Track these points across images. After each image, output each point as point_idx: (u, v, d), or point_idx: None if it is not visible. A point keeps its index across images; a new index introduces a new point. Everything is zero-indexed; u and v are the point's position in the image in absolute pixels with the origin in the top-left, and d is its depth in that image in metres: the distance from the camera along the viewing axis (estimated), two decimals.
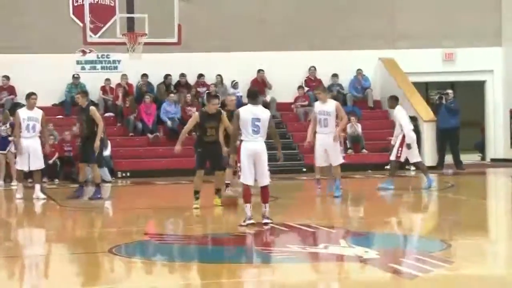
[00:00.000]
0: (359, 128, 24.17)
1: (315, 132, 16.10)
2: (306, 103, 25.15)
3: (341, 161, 16.43)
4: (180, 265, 9.55)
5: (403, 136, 17.36)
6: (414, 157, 17.68)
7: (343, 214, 14.92)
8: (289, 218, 13.15)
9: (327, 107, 15.90)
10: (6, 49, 23.98)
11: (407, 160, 20.15)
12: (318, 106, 16.13)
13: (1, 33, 24.28)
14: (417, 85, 25.72)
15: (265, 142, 12.27)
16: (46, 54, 24.22)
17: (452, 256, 9.56)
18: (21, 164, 16.93)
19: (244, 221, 12.07)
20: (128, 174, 22.55)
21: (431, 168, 23.31)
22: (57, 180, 21.67)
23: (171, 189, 19.84)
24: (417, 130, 23.85)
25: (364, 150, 24.02)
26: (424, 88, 27.51)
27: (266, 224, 12.00)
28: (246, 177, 12.07)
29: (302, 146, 17.84)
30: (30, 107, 17.04)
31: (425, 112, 24.24)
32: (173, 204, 15.67)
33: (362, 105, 25.87)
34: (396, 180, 20.96)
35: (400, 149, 17.45)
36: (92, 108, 16.71)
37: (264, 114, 12.19)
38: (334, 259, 9.57)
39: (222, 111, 14.75)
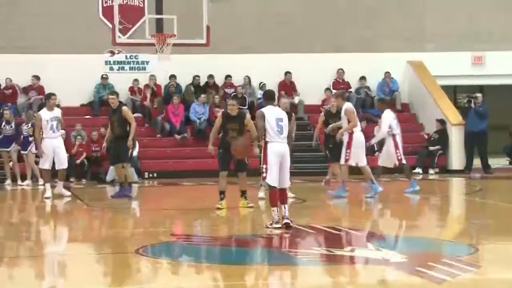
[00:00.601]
0: None
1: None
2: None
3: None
4: (206, 266, 9.55)
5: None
6: (361, 161, 17.17)
7: (370, 216, 14.86)
8: (315, 220, 13.12)
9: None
10: (36, 49, 24.12)
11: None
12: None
13: (32, 33, 24.42)
14: (445, 88, 25.59)
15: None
16: (75, 54, 24.35)
17: (479, 260, 9.50)
18: (47, 164, 17.03)
19: (271, 224, 12.03)
20: (155, 174, 22.60)
21: (459, 172, 23.23)
22: (84, 180, 21.78)
23: (198, 190, 19.88)
24: (445, 134, 23.83)
25: None
26: (453, 92, 27.36)
27: (287, 224, 11.88)
28: (273, 179, 11.94)
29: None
30: (51, 107, 17.14)
31: (454, 116, 24.11)
32: (199, 205, 15.68)
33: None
34: (421, 184, 20.93)
35: (398, 151, 17.56)
36: (124, 108, 16.91)
37: (284, 115, 12.24)
38: (361, 262, 9.53)
39: (246, 113, 14.85)
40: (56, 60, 24.25)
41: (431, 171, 23.40)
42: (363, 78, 25.82)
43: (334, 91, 25.31)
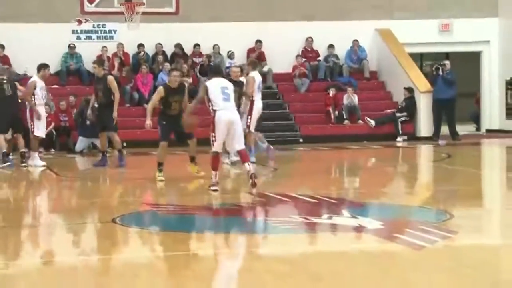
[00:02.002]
0: (355, 99, 24.05)
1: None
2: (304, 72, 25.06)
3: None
4: (181, 235, 9.44)
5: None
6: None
7: (343, 185, 14.85)
8: (290, 189, 13.07)
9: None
10: (2, 18, 23.73)
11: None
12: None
13: None
14: (413, 56, 25.60)
15: None
16: (42, 23, 23.97)
17: (455, 226, 9.48)
18: (43, 131, 17.58)
19: (210, 187, 12.53)
20: (124, 144, 22.24)
21: (427, 139, 23.33)
22: (53, 150, 21.52)
23: (168, 159, 19.68)
24: (413, 101, 23.88)
25: (360, 121, 23.91)
26: (419, 59, 27.39)
27: (254, 183, 12.42)
28: (218, 146, 12.60)
29: (300, 117, 17.83)
30: (44, 77, 17.66)
31: (422, 83, 24.14)
32: (170, 175, 15.56)
33: (358, 76, 25.74)
34: (387, 151, 21.05)
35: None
36: (110, 77, 16.94)
37: (230, 84, 12.88)
38: (339, 229, 9.49)
39: (186, 84, 14.72)
40: (22, 30, 23.86)
41: (399, 138, 23.44)
42: (331, 46, 25.72)
43: (304, 59, 25.29)
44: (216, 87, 12.62)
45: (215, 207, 11.80)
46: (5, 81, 17.62)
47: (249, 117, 16.58)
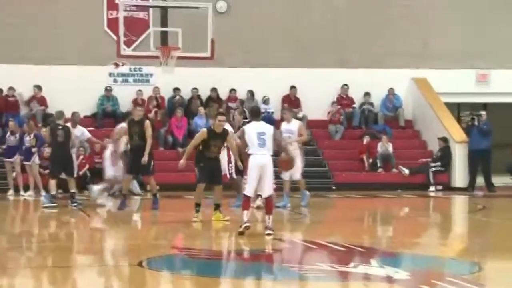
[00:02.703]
0: (389, 147, 24.06)
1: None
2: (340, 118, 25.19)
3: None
4: (208, 280, 9.50)
5: None
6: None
7: (374, 233, 14.83)
8: (320, 236, 13.09)
9: (290, 126, 17.22)
10: (40, 60, 24.14)
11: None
12: (283, 125, 17.39)
13: (36, 44, 24.45)
14: (449, 105, 25.57)
15: None
16: (79, 65, 24.38)
17: (483, 279, 9.45)
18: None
19: (241, 226, 12.75)
20: (157, 187, 22.48)
21: (462, 189, 23.19)
22: (86, 191, 21.69)
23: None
24: (448, 151, 23.81)
25: (394, 170, 23.88)
26: (456, 109, 27.34)
27: (268, 235, 12.57)
28: (250, 190, 12.91)
29: (334, 164, 18.04)
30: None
31: (457, 133, 24.09)
32: (202, 218, 15.64)
33: (393, 124, 25.76)
34: (421, 201, 20.95)
35: None
36: (147, 122, 17.09)
37: (268, 129, 13.03)
38: (364, 278, 9.49)
39: (230, 131, 14.89)
40: (60, 71, 24.25)
41: (431, 188, 23.36)
42: (367, 94, 25.81)
43: (339, 106, 25.38)
44: (253, 131, 12.93)
45: (242, 253, 11.83)
46: (60, 127, 17.91)
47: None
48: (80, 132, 18.50)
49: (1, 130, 22.93)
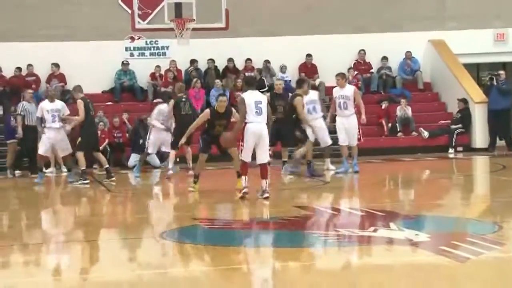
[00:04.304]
0: (409, 110, 24.01)
1: (334, 115, 17.89)
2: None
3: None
4: (229, 250, 9.58)
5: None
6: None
7: (393, 197, 14.87)
8: (339, 202, 13.15)
9: (345, 91, 17.57)
10: (55, 37, 24.21)
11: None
12: (337, 91, 17.81)
13: (50, 21, 24.51)
14: (467, 66, 25.46)
15: None
16: (95, 41, 24.43)
17: (504, 238, 9.49)
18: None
19: (240, 191, 13.55)
20: (177, 159, 22.58)
21: (482, 150, 23.15)
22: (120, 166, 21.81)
23: (220, 173, 19.87)
24: (468, 113, 23.74)
25: (414, 133, 23.85)
26: (475, 70, 27.19)
27: (266, 198, 13.21)
28: (246, 156, 13.48)
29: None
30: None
31: (476, 94, 24.00)
32: (223, 189, 15.72)
33: (412, 87, 25.69)
34: (442, 163, 20.94)
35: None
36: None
37: (264, 98, 13.57)
38: (384, 242, 9.54)
39: (232, 109, 14.94)
40: (76, 48, 24.33)
41: (451, 150, 23.32)
42: (384, 58, 25.72)
43: (355, 72, 25.31)
44: (251, 100, 13.36)
45: (261, 221, 11.91)
46: (184, 99, 18.34)
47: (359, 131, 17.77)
48: (61, 106, 18.25)
49: None
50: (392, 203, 13.77)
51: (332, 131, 18.55)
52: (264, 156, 13.42)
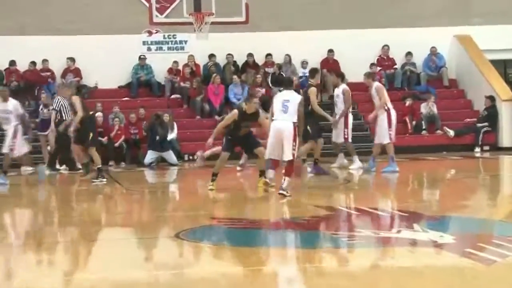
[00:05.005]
0: (434, 108, 23.89)
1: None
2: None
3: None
4: (248, 250, 9.56)
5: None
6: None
7: (417, 197, 14.79)
8: (362, 202, 13.10)
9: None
10: (71, 31, 24.27)
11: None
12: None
13: (66, 14, 24.58)
14: (494, 63, 25.32)
15: None
16: (112, 35, 24.47)
17: None
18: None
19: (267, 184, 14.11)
20: (195, 157, 22.61)
21: (509, 149, 23.02)
22: (123, 163, 21.89)
23: (240, 171, 19.89)
24: (495, 110, 23.61)
25: (438, 131, 23.74)
26: (503, 66, 27.04)
27: (281, 194, 13.30)
28: (269, 153, 13.77)
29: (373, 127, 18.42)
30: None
31: (503, 91, 23.88)
32: (241, 187, 15.73)
33: (437, 84, 25.58)
34: (468, 162, 20.82)
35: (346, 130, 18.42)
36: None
37: (293, 96, 13.78)
38: (408, 244, 9.49)
39: (260, 111, 14.88)
40: (92, 42, 24.39)
41: (477, 149, 23.21)
42: (409, 54, 25.64)
43: (379, 68, 25.22)
44: (279, 98, 13.79)
45: (282, 221, 11.88)
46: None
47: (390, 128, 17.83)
48: (12, 107, 17.71)
49: (34, 103, 23.11)
50: (416, 203, 13.68)
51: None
52: (287, 153, 13.51)
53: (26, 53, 23.98)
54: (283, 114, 13.56)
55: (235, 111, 14.84)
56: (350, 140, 18.54)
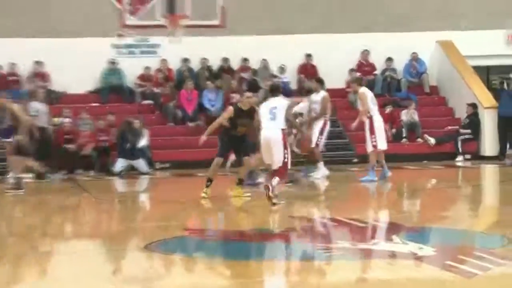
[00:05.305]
0: (415, 115, 23.94)
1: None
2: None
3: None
4: (221, 263, 9.54)
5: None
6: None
7: (397, 208, 14.83)
8: (339, 213, 13.11)
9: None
10: (39, 33, 24.07)
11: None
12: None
13: (34, 16, 24.41)
14: (477, 69, 25.43)
15: None
16: (81, 38, 24.30)
17: None
18: None
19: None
20: (167, 165, 22.58)
21: (491, 158, 23.12)
22: (92, 171, 21.76)
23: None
24: (477, 118, 23.71)
25: (419, 139, 23.81)
26: (485, 73, 27.17)
27: (273, 204, 13.25)
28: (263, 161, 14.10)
29: (355, 135, 18.54)
30: None
31: (486, 99, 23.98)
32: (215, 197, 15.67)
33: (418, 91, 25.66)
34: (449, 172, 20.89)
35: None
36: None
37: (280, 103, 13.91)
38: (386, 256, 9.50)
39: (256, 108, 14.83)
40: (61, 45, 24.20)
41: (459, 157, 23.28)
42: (389, 59, 25.69)
43: (358, 73, 25.26)
44: (266, 106, 13.89)
45: (256, 233, 11.86)
46: None
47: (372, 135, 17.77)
48: None
49: None
50: (396, 214, 13.73)
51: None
52: (277, 161, 13.66)
53: None
54: (271, 121, 13.71)
55: (230, 107, 14.97)
56: (320, 147, 18.61)
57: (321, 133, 18.49)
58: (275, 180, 13.45)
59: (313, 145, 18.42)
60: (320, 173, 18.45)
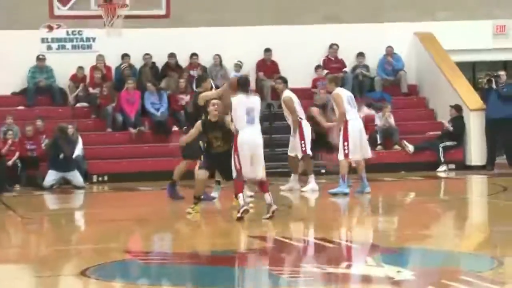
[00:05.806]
0: (391, 119, 24.07)
1: None
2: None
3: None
4: None
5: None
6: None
7: (371, 225, 14.93)
8: (305, 232, 13.19)
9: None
10: None
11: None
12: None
13: None
14: (461, 65, 25.67)
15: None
16: (3, 30, 24.19)
17: (504, 276, 9.56)
18: None
19: (238, 211, 13.87)
20: (105, 178, 22.55)
21: (479, 168, 23.33)
22: (18, 185, 21.64)
23: (158, 195, 19.83)
24: (462, 122, 23.92)
25: (396, 146, 23.97)
26: (471, 70, 27.45)
27: (274, 212, 13.85)
28: (245, 172, 13.96)
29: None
30: None
31: (472, 99, 24.21)
32: (161, 215, 15.70)
33: (394, 90, 25.83)
34: (430, 184, 21.05)
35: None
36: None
37: (256, 102, 14.29)
38: (360, 280, 9.57)
39: (226, 117, 14.86)
40: None
41: (442, 167, 23.47)
42: (361, 54, 25.84)
43: (325, 71, 25.39)
44: (241, 105, 14.03)
45: (208, 255, 11.89)
46: None
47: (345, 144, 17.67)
48: None
49: None
50: (370, 232, 13.83)
51: None
52: (260, 171, 14.03)
53: None
54: (250, 125, 13.96)
55: (198, 122, 14.99)
56: (309, 152, 18.60)
57: (302, 138, 18.41)
58: (270, 195, 13.90)
59: (299, 155, 18.41)
60: (310, 187, 18.53)
